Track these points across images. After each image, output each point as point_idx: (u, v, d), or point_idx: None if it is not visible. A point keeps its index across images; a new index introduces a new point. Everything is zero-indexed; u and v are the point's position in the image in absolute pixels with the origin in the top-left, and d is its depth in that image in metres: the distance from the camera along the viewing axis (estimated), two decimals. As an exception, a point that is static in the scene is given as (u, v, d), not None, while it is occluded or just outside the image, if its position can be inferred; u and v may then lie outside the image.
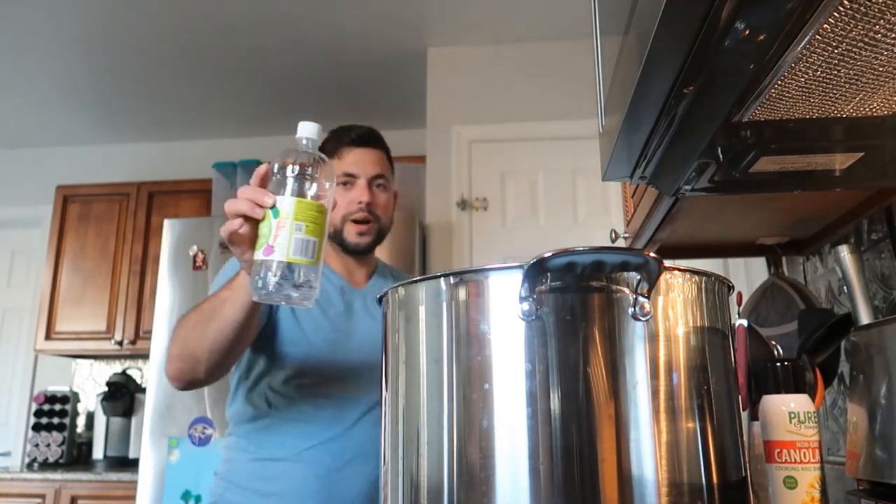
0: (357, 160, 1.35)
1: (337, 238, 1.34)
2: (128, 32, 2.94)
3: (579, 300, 0.58)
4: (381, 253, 2.59)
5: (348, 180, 1.34)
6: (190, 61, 3.16)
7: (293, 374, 1.25)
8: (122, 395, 3.19)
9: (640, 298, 0.57)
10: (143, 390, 3.18)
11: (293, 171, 0.88)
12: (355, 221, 1.33)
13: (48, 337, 3.36)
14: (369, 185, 1.35)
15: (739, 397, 0.65)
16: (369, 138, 1.39)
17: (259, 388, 1.27)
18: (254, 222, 0.88)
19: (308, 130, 0.91)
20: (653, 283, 0.57)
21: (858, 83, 0.66)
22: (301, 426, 1.24)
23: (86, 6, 2.75)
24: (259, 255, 0.85)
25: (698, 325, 0.62)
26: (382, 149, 1.41)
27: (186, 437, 2.52)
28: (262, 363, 1.27)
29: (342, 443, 1.23)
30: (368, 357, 1.26)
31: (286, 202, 0.85)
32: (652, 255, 0.56)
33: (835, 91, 0.68)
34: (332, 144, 1.37)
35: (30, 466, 3.09)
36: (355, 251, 1.36)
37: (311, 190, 0.88)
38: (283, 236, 0.84)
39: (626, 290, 0.58)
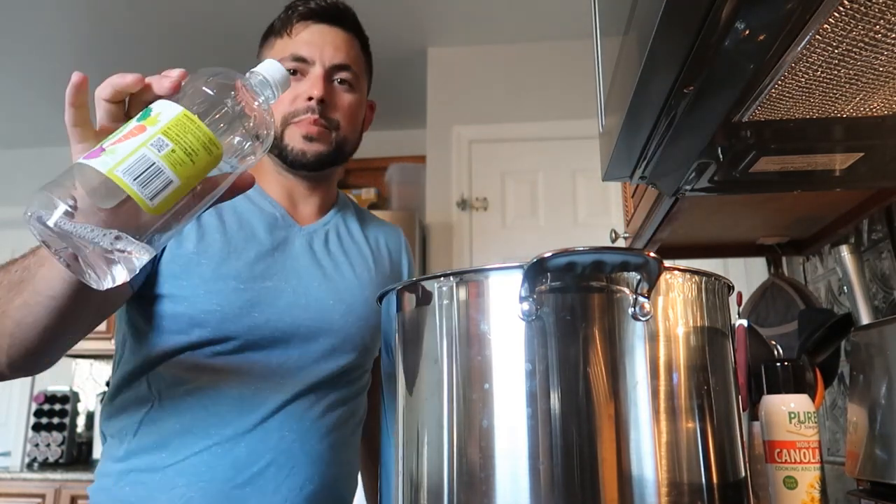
0: (312, 39, 0.95)
1: (276, 147, 0.94)
2: (127, 32, 2.94)
3: (579, 300, 0.58)
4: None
5: (298, 67, 0.93)
6: (188, 61, 3.16)
7: (181, 344, 0.86)
8: (122, 395, 3.19)
9: (640, 298, 0.57)
10: (143, 390, 3.18)
11: (210, 86, 0.59)
12: (301, 123, 0.93)
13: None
14: (327, 76, 0.94)
15: (739, 397, 0.65)
16: (335, 12, 0.98)
17: (139, 362, 0.88)
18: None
19: (270, 70, 0.63)
20: (653, 283, 0.57)
21: (858, 83, 0.66)
22: (189, 419, 0.85)
23: (85, 6, 2.75)
24: (78, 156, 0.56)
25: (698, 325, 0.62)
26: (354, 31, 1.00)
27: (186, 437, 2.51)
28: (143, 326, 0.88)
29: (250, 444, 0.85)
30: (307, 320, 0.91)
31: (167, 107, 0.54)
32: (652, 255, 0.56)
33: (835, 91, 0.68)
34: (283, 17, 0.98)
35: (30, 466, 3.09)
36: (299, 163, 0.95)
37: (225, 130, 0.56)
38: (129, 144, 0.51)
39: (626, 290, 0.58)
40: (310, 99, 0.92)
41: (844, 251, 1.06)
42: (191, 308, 0.86)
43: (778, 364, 0.83)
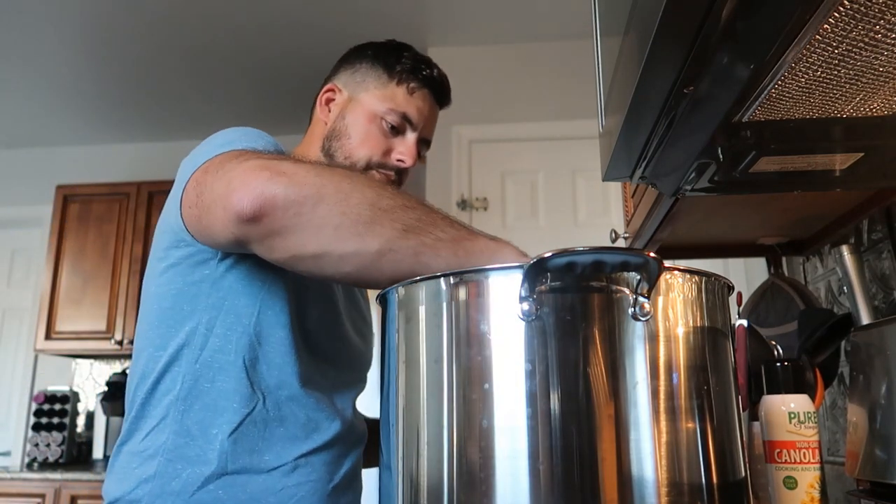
0: (423, 109, 1.01)
1: None
2: (128, 32, 2.94)
3: (579, 300, 0.58)
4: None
5: (401, 126, 0.99)
6: (190, 61, 3.15)
7: (305, 347, 0.87)
8: (122, 395, 3.19)
9: (640, 298, 0.57)
10: (143, 390, 3.18)
11: None
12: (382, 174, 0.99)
13: (48, 337, 3.36)
14: (417, 145, 1.02)
15: (739, 397, 0.65)
16: (447, 96, 1.07)
17: (240, 355, 0.83)
18: None
19: None
20: (653, 283, 0.57)
21: (858, 83, 0.66)
22: (292, 425, 0.85)
23: (86, 7, 2.75)
24: None
25: (698, 325, 0.62)
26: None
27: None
28: (266, 310, 0.84)
29: (339, 448, 0.90)
30: (357, 334, 1.02)
31: None
32: (652, 255, 0.56)
33: (835, 91, 0.68)
34: (408, 65, 1.01)
35: (30, 466, 3.09)
36: None
37: None
38: None
39: (626, 290, 0.58)
40: (400, 160, 0.99)
41: (844, 251, 1.06)
42: (302, 316, 0.89)
43: (778, 364, 0.83)
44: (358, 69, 1.03)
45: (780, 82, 0.65)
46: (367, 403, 1.09)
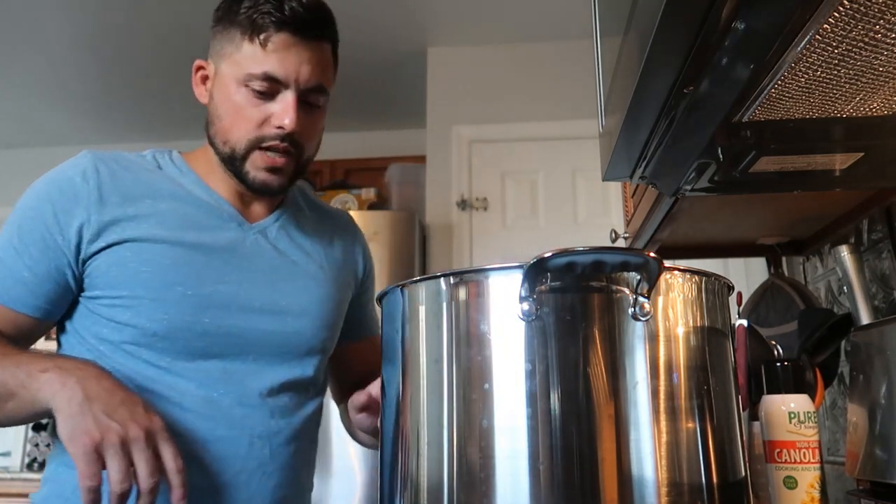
0: (288, 58, 0.83)
1: (233, 166, 0.88)
2: (128, 32, 2.94)
3: (579, 300, 0.58)
4: (381, 253, 2.59)
5: (270, 88, 0.84)
6: (190, 61, 3.15)
7: (133, 353, 0.82)
8: (122, 395, 3.18)
9: (640, 298, 0.57)
10: (143, 390, 3.17)
11: None
12: (268, 150, 0.85)
13: (48, 337, 3.36)
14: (299, 99, 0.85)
15: (739, 397, 0.65)
16: (314, 22, 0.85)
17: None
18: None
19: None
20: (653, 283, 0.57)
21: (858, 83, 0.66)
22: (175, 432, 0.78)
23: (86, 7, 2.75)
24: None
25: (698, 325, 0.62)
26: (330, 38, 0.88)
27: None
28: (90, 327, 0.86)
29: (220, 451, 0.83)
30: (262, 322, 0.88)
31: None
32: (652, 255, 0.56)
33: (835, 91, 0.68)
34: (254, 14, 0.83)
35: (30, 466, 3.09)
36: (261, 192, 0.90)
37: None
38: None
39: (626, 290, 0.58)
40: (279, 127, 0.85)
41: (844, 251, 1.06)
42: (136, 318, 0.82)
43: (778, 364, 0.83)
44: (216, 35, 0.90)
45: (780, 82, 0.65)
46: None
